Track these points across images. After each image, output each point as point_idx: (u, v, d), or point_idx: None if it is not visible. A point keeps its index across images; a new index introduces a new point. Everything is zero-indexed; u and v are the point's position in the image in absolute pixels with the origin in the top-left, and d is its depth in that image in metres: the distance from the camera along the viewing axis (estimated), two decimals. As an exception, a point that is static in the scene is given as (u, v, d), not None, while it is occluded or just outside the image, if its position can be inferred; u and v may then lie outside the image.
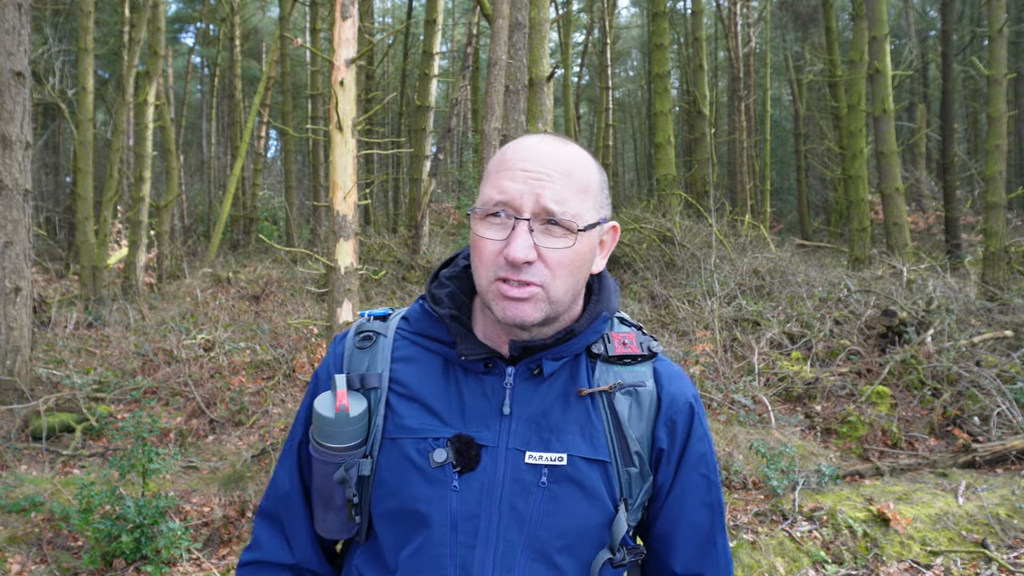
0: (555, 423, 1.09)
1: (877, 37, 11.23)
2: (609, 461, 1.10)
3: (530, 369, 1.11)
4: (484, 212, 1.05)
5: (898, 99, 21.86)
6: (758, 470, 4.97)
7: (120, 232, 15.42)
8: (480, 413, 1.09)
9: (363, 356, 1.16)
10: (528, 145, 1.06)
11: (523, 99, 6.77)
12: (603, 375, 1.13)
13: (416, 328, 1.17)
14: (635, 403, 1.13)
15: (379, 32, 22.55)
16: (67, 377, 6.45)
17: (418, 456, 1.08)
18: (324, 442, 1.10)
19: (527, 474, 1.07)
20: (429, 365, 1.14)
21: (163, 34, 13.06)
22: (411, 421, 1.10)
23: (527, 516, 1.06)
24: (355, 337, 1.19)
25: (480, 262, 1.06)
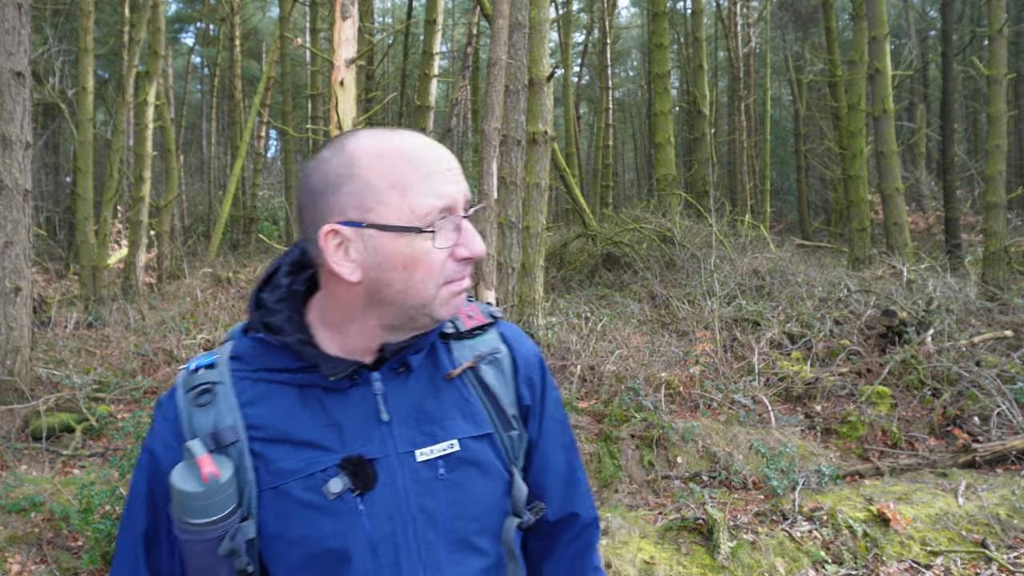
0: (434, 414, 1.08)
1: (877, 37, 11.23)
2: (493, 432, 1.12)
3: (394, 369, 1.08)
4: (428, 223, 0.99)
5: (898, 99, 21.86)
6: (758, 470, 4.97)
7: (120, 232, 15.42)
8: (357, 429, 1.04)
9: (205, 414, 1.03)
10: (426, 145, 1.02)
11: (523, 99, 6.77)
12: (460, 352, 1.14)
13: (256, 365, 1.06)
14: (498, 370, 1.16)
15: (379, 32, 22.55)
16: (67, 377, 6.45)
17: (310, 495, 1.00)
18: (196, 519, 0.97)
19: (424, 472, 1.05)
20: (283, 399, 1.04)
21: (163, 34, 13.06)
22: (288, 463, 1.01)
23: (438, 513, 1.05)
24: (188, 395, 1.04)
25: (429, 276, 1.00)
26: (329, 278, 1.05)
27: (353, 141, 1.01)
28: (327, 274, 1.05)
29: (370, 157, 0.99)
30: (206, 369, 1.06)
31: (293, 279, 1.11)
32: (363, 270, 1.00)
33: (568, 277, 11.96)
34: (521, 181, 6.76)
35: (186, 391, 1.05)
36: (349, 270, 1.00)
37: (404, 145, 1.01)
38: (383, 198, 0.98)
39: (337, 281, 1.03)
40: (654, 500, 4.80)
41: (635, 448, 5.28)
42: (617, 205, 20.92)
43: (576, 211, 14.11)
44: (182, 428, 1.03)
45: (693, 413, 5.93)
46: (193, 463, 0.98)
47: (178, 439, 1.03)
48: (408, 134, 1.03)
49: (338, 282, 1.03)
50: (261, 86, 15.47)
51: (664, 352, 6.94)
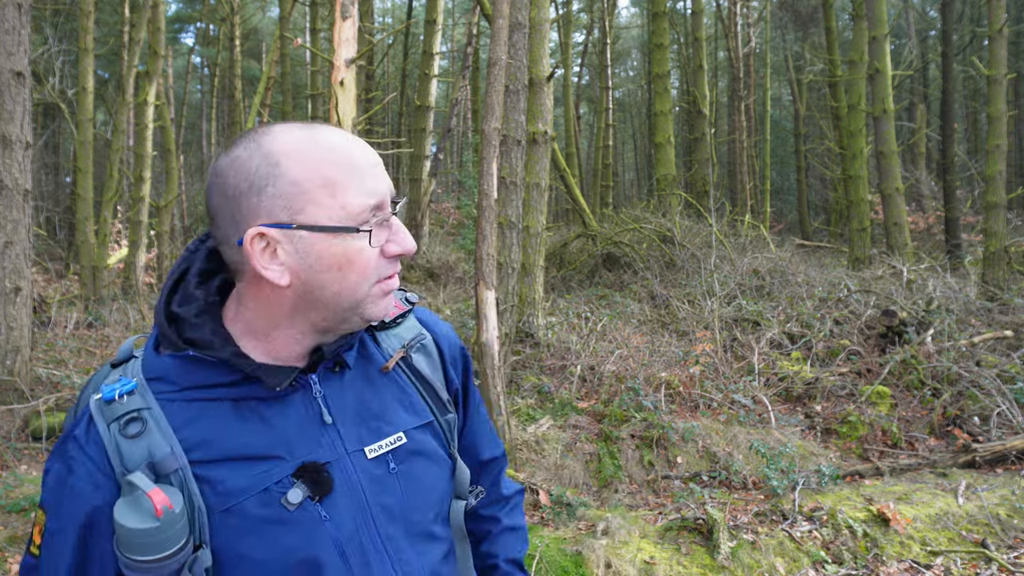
0: (375, 409, 1.08)
1: (877, 37, 11.23)
2: (433, 419, 1.14)
3: (329, 369, 1.06)
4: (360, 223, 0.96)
5: (898, 99, 21.86)
6: (758, 470, 4.97)
7: (120, 232, 15.42)
8: (302, 435, 1.01)
9: (136, 445, 0.93)
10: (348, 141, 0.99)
11: (523, 99, 6.77)
12: (387, 343, 1.14)
13: (184, 384, 0.98)
14: (426, 356, 1.18)
15: (379, 32, 22.55)
16: (67, 377, 6.45)
17: (268, 510, 0.96)
18: (149, 556, 0.89)
19: (376, 468, 1.04)
20: (218, 416, 0.98)
21: (163, 34, 13.06)
22: (237, 481, 0.96)
23: (395, 507, 1.05)
24: (115, 426, 0.94)
25: (362, 275, 0.97)
26: (253, 283, 0.99)
27: (270, 138, 0.97)
28: (250, 279, 0.99)
29: (294, 155, 0.95)
30: (128, 396, 0.96)
31: (206, 289, 1.04)
32: (292, 273, 0.96)
33: (568, 277, 11.96)
34: (521, 181, 6.75)
35: (109, 423, 0.95)
36: (278, 274, 0.95)
37: (327, 142, 0.97)
38: (312, 198, 0.94)
39: (262, 286, 0.98)
40: (654, 500, 4.80)
41: (635, 448, 5.28)
42: (617, 205, 20.93)
43: (576, 211, 14.11)
44: (111, 463, 0.93)
45: (693, 413, 5.93)
46: (141, 496, 0.90)
47: (108, 475, 0.93)
48: (326, 129, 0.99)
49: (264, 287, 0.98)
50: (261, 86, 15.44)
51: (664, 352, 6.94)
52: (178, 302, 1.02)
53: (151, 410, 0.96)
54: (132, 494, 0.91)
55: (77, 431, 0.96)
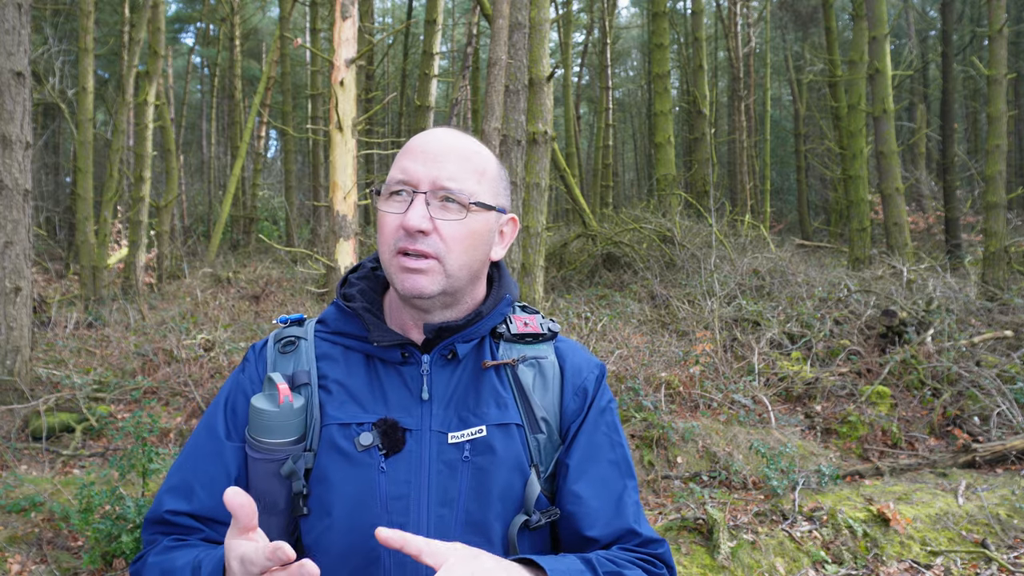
0: (470, 402, 1.16)
1: (877, 37, 11.23)
2: (521, 424, 1.17)
3: (443, 355, 1.17)
4: (387, 192, 1.12)
5: (898, 99, 21.85)
6: (758, 470, 4.97)
7: (120, 232, 15.41)
8: (401, 401, 1.15)
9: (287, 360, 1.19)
10: (431, 133, 1.15)
11: (523, 99, 6.77)
12: (506, 352, 1.21)
13: (334, 328, 1.21)
14: (539, 374, 1.21)
15: (379, 32, 22.55)
16: (67, 377, 6.45)
17: (344, 442, 1.12)
18: (267, 438, 1.10)
19: (451, 453, 1.12)
20: (350, 361, 1.18)
21: (163, 34, 13.05)
22: (337, 411, 1.14)
23: (456, 493, 1.11)
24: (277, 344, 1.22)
25: (383, 237, 1.13)
26: None
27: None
28: None
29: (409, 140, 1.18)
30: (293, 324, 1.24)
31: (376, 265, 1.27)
32: None
33: (568, 277, 11.96)
34: (521, 181, 6.76)
35: (276, 341, 1.22)
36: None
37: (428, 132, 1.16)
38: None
39: None
40: (654, 500, 4.80)
41: (635, 448, 5.28)
42: (617, 205, 20.92)
43: (576, 211, 14.11)
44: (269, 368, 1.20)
45: (693, 413, 5.93)
46: (273, 390, 1.12)
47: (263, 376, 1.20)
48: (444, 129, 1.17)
49: None
50: (261, 86, 15.47)
51: (664, 352, 6.94)
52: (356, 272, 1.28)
53: (306, 340, 1.21)
54: (269, 388, 1.14)
55: (258, 343, 1.26)
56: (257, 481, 1.12)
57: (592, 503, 1.17)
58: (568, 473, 1.18)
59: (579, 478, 1.18)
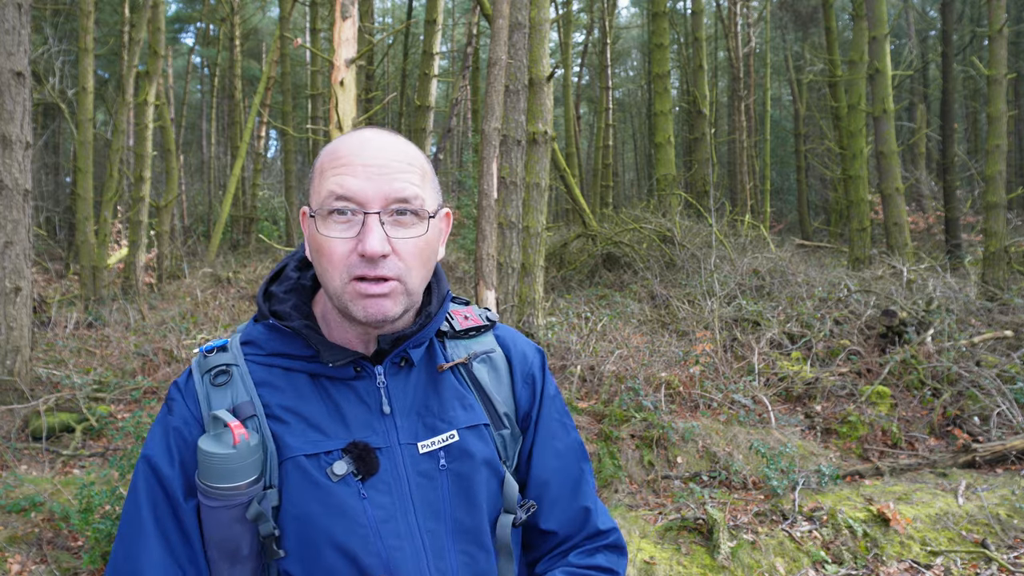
0: (434, 408, 1.12)
1: (877, 37, 11.23)
2: (488, 423, 1.15)
3: (395, 363, 1.12)
4: (326, 211, 1.01)
5: (898, 99, 21.85)
6: (758, 470, 4.97)
7: (120, 232, 15.41)
8: (361, 419, 1.08)
9: (223, 392, 1.08)
10: (360, 139, 1.05)
11: (523, 99, 6.77)
12: (454, 351, 1.18)
13: (269, 350, 1.10)
14: (491, 368, 1.19)
15: (379, 32, 22.55)
16: (67, 377, 6.45)
17: (316, 474, 1.04)
18: (225, 483, 0.99)
19: (426, 463, 1.08)
20: (295, 384, 1.09)
21: (163, 34, 13.05)
22: (296, 440, 1.05)
23: (440, 504, 1.08)
24: (206, 376, 1.09)
25: (331, 264, 1.02)
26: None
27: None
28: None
29: (326, 148, 1.08)
30: (219, 351, 1.12)
31: (301, 274, 1.17)
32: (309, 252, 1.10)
33: (568, 277, 11.96)
34: (521, 181, 6.75)
35: (203, 373, 1.10)
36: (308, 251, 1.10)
37: (349, 138, 1.06)
38: (313, 183, 1.07)
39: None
40: (654, 500, 4.80)
41: (635, 448, 5.28)
42: (617, 205, 20.92)
43: (576, 211, 14.11)
44: (201, 406, 1.08)
45: (693, 413, 5.93)
46: (223, 429, 1.03)
47: (198, 415, 1.08)
48: (367, 131, 1.06)
49: None
50: (261, 86, 15.46)
51: (664, 352, 6.94)
52: (278, 283, 1.17)
53: (238, 367, 1.10)
54: (215, 428, 1.04)
55: (180, 379, 1.13)
56: (215, 530, 1.03)
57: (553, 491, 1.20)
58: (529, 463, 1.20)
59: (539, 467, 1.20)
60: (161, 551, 1.03)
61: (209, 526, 1.03)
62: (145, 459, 1.07)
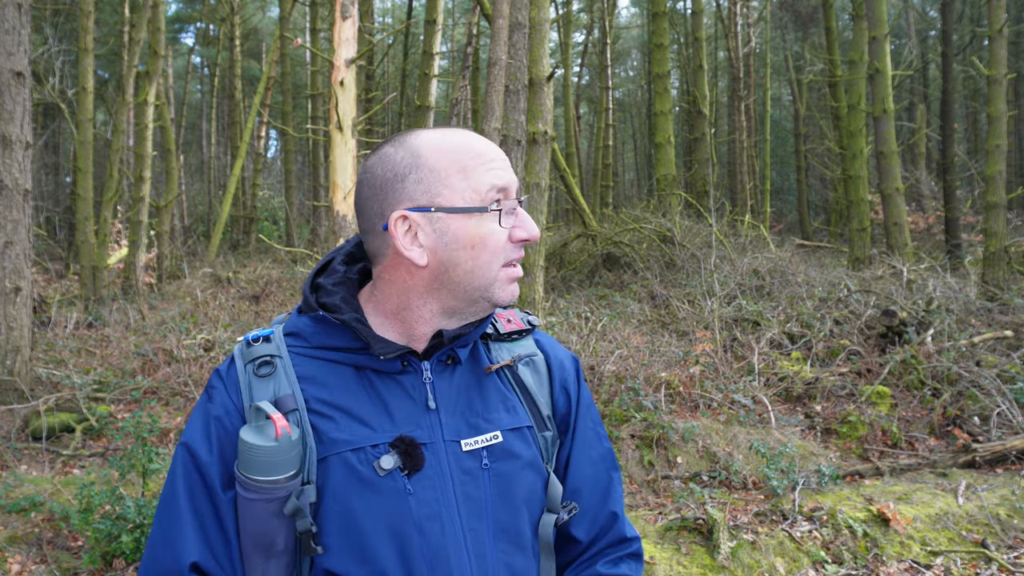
0: (478, 407, 1.13)
1: (877, 37, 11.23)
2: (532, 425, 1.17)
3: (442, 361, 1.13)
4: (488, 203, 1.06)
5: (898, 99, 21.85)
6: (758, 470, 4.97)
7: (120, 232, 15.41)
8: (407, 413, 1.08)
9: (265, 384, 1.07)
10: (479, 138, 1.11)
11: (523, 99, 6.77)
12: (498, 354, 1.20)
13: (315, 342, 1.10)
14: (534, 371, 1.21)
15: (379, 32, 22.54)
16: (67, 377, 6.45)
17: (362, 469, 1.04)
18: (265, 476, 0.99)
19: (469, 461, 1.09)
20: (338, 377, 1.09)
21: (163, 34, 13.05)
22: (341, 434, 1.05)
23: (483, 503, 1.08)
24: (250, 366, 1.09)
25: (492, 255, 1.06)
26: (391, 266, 1.10)
27: (414, 137, 1.09)
28: (391, 261, 1.10)
29: (433, 148, 1.07)
30: (263, 341, 1.11)
31: (347, 268, 1.18)
32: (431, 253, 1.06)
33: (568, 277, 11.96)
34: (521, 181, 6.75)
35: (246, 363, 1.09)
36: (418, 254, 1.06)
37: (462, 137, 1.09)
38: (448, 182, 1.06)
39: (401, 267, 1.09)
40: (654, 500, 4.80)
41: (635, 448, 5.28)
42: (617, 205, 20.91)
43: (576, 211, 14.11)
44: (241, 396, 1.07)
45: (693, 413, 5.93)
46: (265, 422, 1.02)
47: (239, 405, 1.07)
48: (462, 131, 1.11)
49: (402, 268, 1.09)
50: (261, 86, 15.46)
51: (664, 352, 6.94)
52: (325, 276, 1.17)
53: (282, 358, 1.09)
54: (257, 419, 1.03)
55: (221, 367, 1.12)
56: (252, 523, 1.02)
57: (585, 499, 1.21)
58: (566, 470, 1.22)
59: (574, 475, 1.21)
60: (197, 539, 1.04)
61: (246, 518, 1.03)
62: (185, 446, 1.07)
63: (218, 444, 1.06)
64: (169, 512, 1.05)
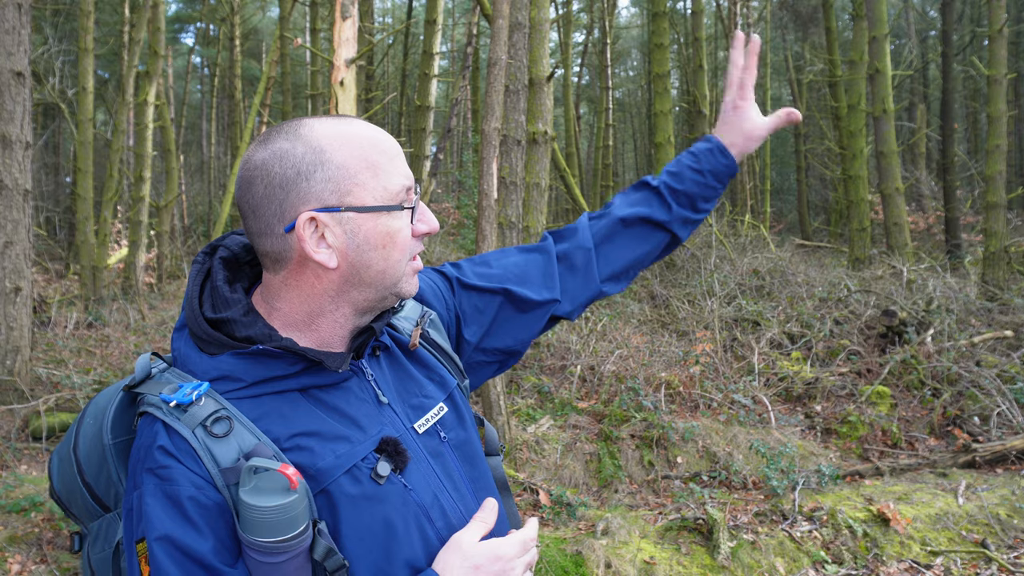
0: (412, 387, 1.14)
1: (877, 37, 11.23)
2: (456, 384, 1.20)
3: (370, 354, 1.12)
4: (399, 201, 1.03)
5: (898, 99, 21.85)
6: (758, 470, 4.97)
7: (120, 232, 15.42)
8: (369, 416, 1.05)
9: (227, 444, 0.93)
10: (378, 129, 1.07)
11: (523, 99, 6.77)
12: (402, 325, 1.20)
13: (252, 379, 0.98)
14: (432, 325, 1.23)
15: (379, 32, 22.55)
16: (67, 377, 6.45)
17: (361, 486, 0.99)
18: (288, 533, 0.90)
19: (431, 441, 1.11)
20: (290, 406, 1.00)
21: (163, 34, 13.05)
22: (325, 461, 0.98)
23: (456, 472, 1.12)
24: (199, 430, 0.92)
25: (400, 251, 1.04)
26: (297, 270, 1.02)
27: (308, 129, 1.01)
28: (295, 266, 1.01)
29: (336, 142, 1.00)
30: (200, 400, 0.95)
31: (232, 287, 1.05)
32: (340, 255, 1.00)
33: (568, 277, 11.94)
34: (521, 181, 6.75)
35: (193, 428, 0.93)
36: (327, 256, 1.00)
37: (361, 129, 1.04)
38: (358, 180, 1.00)
39: (307, 271, 1.01)
40: (654, 500, 4.80)
41: (635, 448, 5.28)
42: (617, 205, 20.86)
43: (576, 211, 14.11)
44: (206, 464, 0.92)
45: (693, 413, 5.93)
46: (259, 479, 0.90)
47: (207, 476, 0.92)
48: (354, 119, 1.05)
49: (308, 272, 1.01)
50: (261, 86, 15.45)
51: (664, 352, 6.94)
52: (217, 308, 1.02)
53: (227, 409, 0.95)
54: (251, 480, 0.90)
55: (160, 441, 0.93)
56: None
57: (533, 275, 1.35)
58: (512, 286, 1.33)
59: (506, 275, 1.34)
60: None
61: None
62: (165, 541, 0.90)
63: (205, 523, 0.91)
64: None
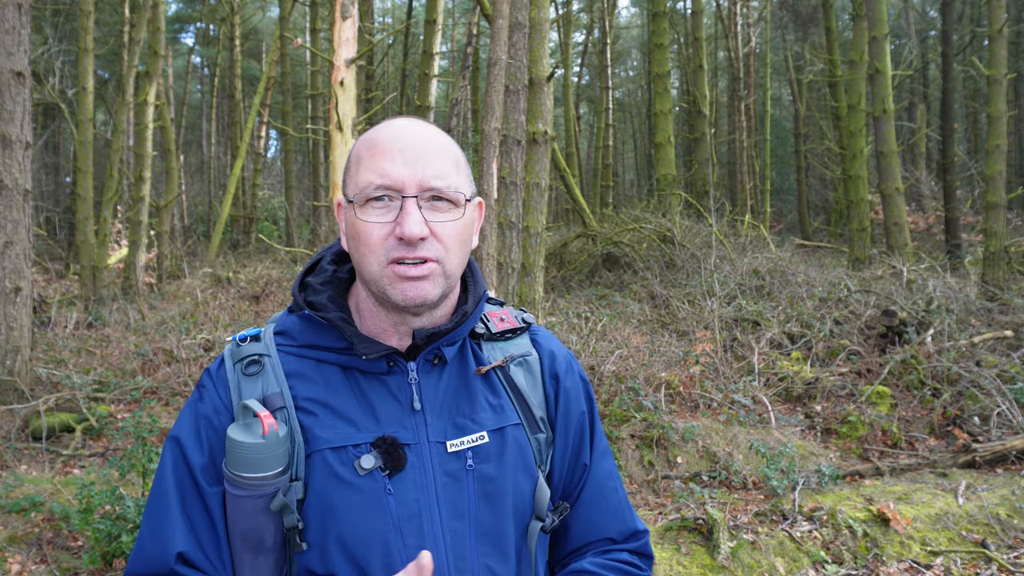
0: (464, 408, 1.11)
1: (877, 37, 11.23)
2: (520, 423, 1.14)
3: (428, 360, 1.11)
4: (364, 198, 1.03)
5: (898, 99, 21.85)
6: (758, 470, 4.97)
7: (120, 232, 15.41)
8: (392, 414, 1.07)
9: (254, 383, 1.08)
10: (396, 128, 1.07)
11: (523, 99, 6.76)
12: (491, 353, 1.17)
13: (302, 341, 1.10)
14: (527, 372, 1.18)
15: (379, 32, 22.54)
16: (67, 377, 6.45)
17: (343, 468, 1.03)
18: (252, 473, 1.00)
19: (453, 463, 1.07)
20: (327, 376, 1.09)
21: (163, 34, 13.05)
22: (325, 432, 1.05)
23: (465, 504, 1.07)
24: (238, 365, 1.10)
25: (368, 249, 1.04)
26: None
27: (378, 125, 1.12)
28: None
29: (362, 138, 1.10)
30: (252, 341, 1.12)
31: (337, 267, 1.18)
32: (344, 242, 1.11)
33: (568, 277, 11.96)
34: (521, 181, 6.75)
35: (235, 362, 1.10)
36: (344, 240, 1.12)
37: (384, 127, 1.08)
38: (350, 173, 1.08)
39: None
40: (654, 500, 4.80)
41: (635, 448, 5.28)
42: (617, 205, 20.90)
43: (576, 211, 14.11)
44: (230, 395, 1.08)
45: (693, 413, 5.93)
46: (252, 419, 1.03)
47: (228, 404, 1.08)
48: (400, 120, 1.09)
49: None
50: (261, 86, 15.45)
51: (664, 352, 6.94)
52: (314, 274, 1.18)
53: (270, 357, 1.10)
54: (245, 417, 1.04)
55: (212, 366, 1.13)
56: (240, 519, 1.03)
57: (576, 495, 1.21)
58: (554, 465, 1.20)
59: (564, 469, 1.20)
60: (185, 531, 1.04)
61: (234, 515, 1.03)
62: (174, 440, 1.08)
63: (207, 441, 1.07)
64: (158, 505, 1.06)
